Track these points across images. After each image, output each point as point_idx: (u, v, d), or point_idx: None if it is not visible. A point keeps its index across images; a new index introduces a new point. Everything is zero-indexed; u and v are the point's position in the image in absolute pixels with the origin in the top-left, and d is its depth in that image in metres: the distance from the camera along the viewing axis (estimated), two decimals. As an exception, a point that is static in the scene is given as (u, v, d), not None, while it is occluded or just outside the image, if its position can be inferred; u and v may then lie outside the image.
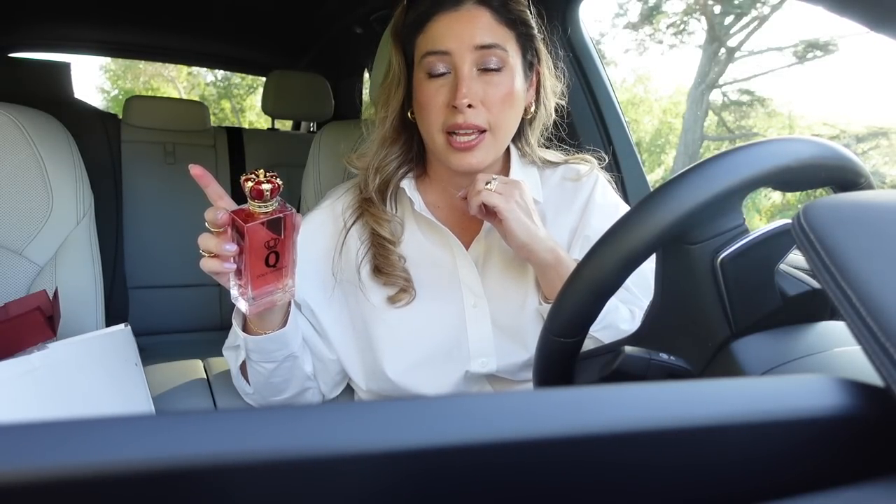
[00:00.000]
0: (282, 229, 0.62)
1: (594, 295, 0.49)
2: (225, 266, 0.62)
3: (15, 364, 0.70)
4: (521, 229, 0.72)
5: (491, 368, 0.81)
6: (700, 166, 0.46)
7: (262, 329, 0.75)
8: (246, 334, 0.75)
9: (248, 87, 11.64)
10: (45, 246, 1.01)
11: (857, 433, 0.27)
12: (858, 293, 0.28)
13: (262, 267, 0.63)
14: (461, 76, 0.74)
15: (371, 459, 0.22)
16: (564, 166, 0.89)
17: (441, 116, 0.76)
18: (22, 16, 2.02)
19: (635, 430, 0.24)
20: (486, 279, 0.83)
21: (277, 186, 0.60)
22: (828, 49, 5.53)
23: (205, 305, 1.92)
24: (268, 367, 0.78)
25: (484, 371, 0.82)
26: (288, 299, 0.69)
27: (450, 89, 0.75)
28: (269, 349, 0.76)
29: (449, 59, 0.75)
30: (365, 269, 0.84)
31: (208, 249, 0.62)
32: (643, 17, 7.81)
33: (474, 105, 0.74)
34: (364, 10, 1.76)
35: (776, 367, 0.43)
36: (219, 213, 0.61)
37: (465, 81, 0.73)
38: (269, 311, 0.72)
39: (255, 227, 0.60)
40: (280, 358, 0.78)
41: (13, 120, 0.99)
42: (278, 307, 0.72)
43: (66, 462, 0.19)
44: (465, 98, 0.73)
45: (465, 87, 0.73)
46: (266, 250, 0.62)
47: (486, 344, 0.82)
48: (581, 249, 0.83)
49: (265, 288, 0.65)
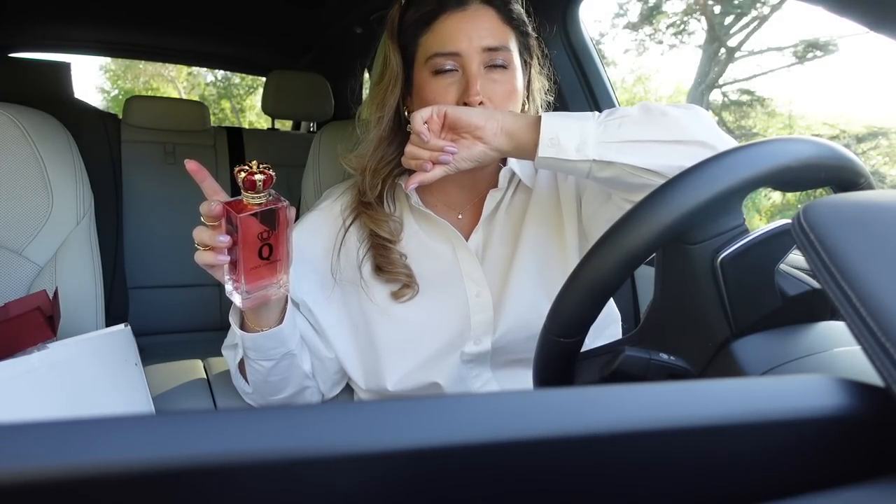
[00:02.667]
0: (275, 222, 0.62)
1: (594, 295, 0.49)
2: (219, 258, 0.62)
3: (15, 364, 0.70)
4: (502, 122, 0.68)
5: (485, 347, 0.83)
6: (700, 166, 0.46)
7: (259, 326, 0.75)
8: (243, 332, 0.75)
9: (248, 87, 11.64)
10: (46, 246, 1.01)
11: (857, 433, 0.27)
12: (858, 293, 0.28)
13: (255, 259, 0.63)
14: (472, 74, 0.74)
15: (371, 459, 0.22)
16: None
17: None
18: (22, 16, 2.02)
19: (635, 430, 0.24)
20: (486, 266, 0.84)
21: (270, 177, 0.61)
22: (828, 49, 5.53)
23: (205, 305, 1.91)
24: (265, 365, 0.78)
25: (477, 349, 0.83)
26: (282, 294, 0.69)
27: (459, 87, 0.75)
28: (266, 347, 0.77)
29: (458, 59, 0.75)
30: (366, 268, 0.84)
31: (203, 242, 0.63)
32: (643, 17, 7.81)
33: (484, 102, 0.74)
34: (364, 10, 1.76)
35: (776, 367, 0.43)
36: (212, 205, 0.61)
37: (476, 79, 0.74)
38: (265, 308, 0.73)
39: (247, 218, 0.61)
40: (277, 356, 0.78)
41: (13, 120, 0.99)
42: (274, 302, 0.73)
43: (66, 462, 0.19)
44: (479, 95, 0.73)
45: (477, 84, 0.74)
46: (259, 242, 0.62)
47: (486, 327, 0.83)
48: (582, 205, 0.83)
49: (259, 282, 0.65)
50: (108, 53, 2.94)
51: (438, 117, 0.68)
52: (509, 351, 0.84)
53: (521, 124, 0.68)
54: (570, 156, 0.64)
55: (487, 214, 0.84)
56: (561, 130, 0.65)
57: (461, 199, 0.87)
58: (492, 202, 0.84)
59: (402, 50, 0.80)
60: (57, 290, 0.90)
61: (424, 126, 0.67)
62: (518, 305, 0.82)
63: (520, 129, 0.67)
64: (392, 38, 0.81)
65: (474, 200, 0.86)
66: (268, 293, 0.67)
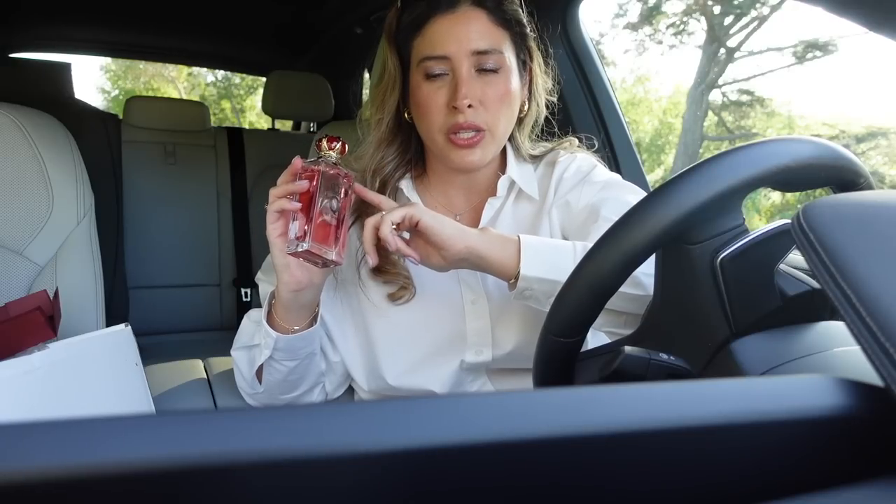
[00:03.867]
0: (343, 190, 0.70)
1: (594, 295, 0.49)
2: (292, 203, 0.68)
3: (15, 364, 0.70)
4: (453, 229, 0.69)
5: (486, 358, 0.82)
6: (700, 166, 0.46)
7: (291, 325, 0.76)
8: (278, 332, 0.76)
9: (248, 87, 11.64)
10: (46, 246, 1.01)
11: (857, 433, 0.27)
12: (858, 293, 0.28)
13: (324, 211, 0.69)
14: (460, 77, 0.74)
15: (371, 459, 0.22)
16: (549, 154, 0.90)
17: (441, 117, 0.76)
18: (22, 16, 2.02)
19: (635, 430, 0.24)
20: (485, 275, 0.83)
21: (344, 146, 0.70)
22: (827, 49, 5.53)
23: (205, 305, 1.91)
24: (289, 364, 0.79)
25: (479, 360, 0.82)
26: (332, 266, 0.72)
27: (449, 90, 0.75)
28: (298, 347, 0.78)
29: (447, 62, 0.75)
30: (364, 268, 0.84)
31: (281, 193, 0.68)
32: (643, 17, 7.81)
33: (474, 105, 0.74)
34: (364, 10, 1.76)
35: (776, 367, 0.43)
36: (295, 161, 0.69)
37: (464, 82, 0.74)
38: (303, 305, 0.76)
39: (323, 172, 0.68)
40: (303, 355, 0.79)
41: (13, 120, 0.99)
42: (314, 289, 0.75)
43: (66, 462, 0.19)
44: (466, 98, 0.73)
45: (465, 87, 0.73)
46: (328, 199, 0.69)
47: (483, 337, 0.82)
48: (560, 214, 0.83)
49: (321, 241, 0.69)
50: (108, 53, 2.94)
51: (410, 223, 0.68)
52: (510, 362, 0.83)
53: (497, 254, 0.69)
54: (542, 306, 0.68)
55: (486, 221, 0.83)
56: (535, 283, 0.68)
57: (459, 201, 0.87)
58: (490, 210, 0.83)
59: (399, 52, 0.80)
60: (57, 290, 0.90)
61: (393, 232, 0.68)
62: (521, 321, 0.81)
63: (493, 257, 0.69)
64: (389, 41, 0.81)
65: (473, 204, 0.86)
66: (325, 256, 0.69)
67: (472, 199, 0.86)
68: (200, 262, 1.88)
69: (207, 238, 1.88)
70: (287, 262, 0.71)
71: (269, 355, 0.78)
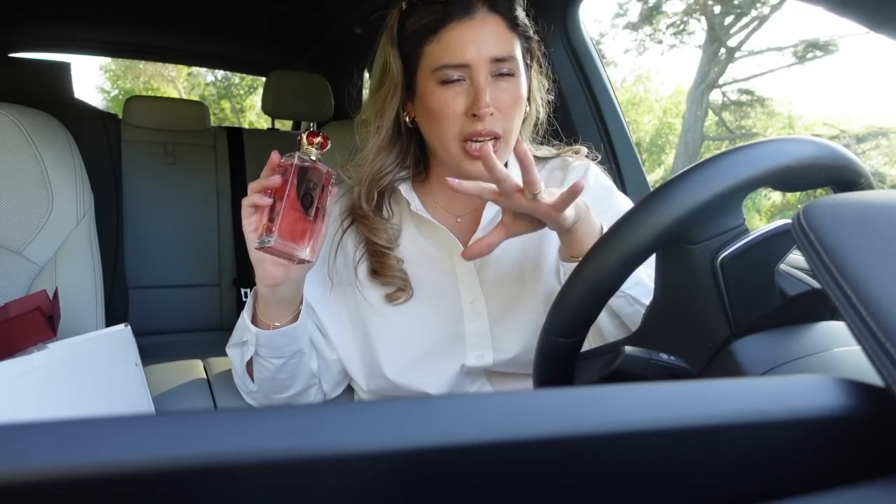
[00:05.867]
0: (320, 186, 0.71)
1: (594, 295, 0.49)
2: (263, 199, 0.68)
3: (15, 364, 0.70)
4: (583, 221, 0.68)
5: (487, 362, 0.82)
6: (700, 166, 0.46)
7: (271, 321, 0.76)
8: (258, 328, 0.76)
9: (248, 87, 11.64)
10: (45, 246, 1.01)
11: (857, 433, 0.27)
12: (858, 293, 0.28)
13: (295, 212, 0.69)
14: (480, 85, 0.73)
15: (371, 459, 0.22)
16: (554, 159, 0.89)
17: (458, 125, 0.75)
18: (22, 16, 2.02)
19: (635, 431, 0.24)
20: (484, 275, 0.83)
21: (326, 141, 0.71)
22: (828, 49, 5.53)
23: (205, 305, 1.91)
24: (275, 363, 0.79)
25: (480, 364, 0.82)
26: (305, 263, 0.71)
27: (467, 97, 0.74)
28: (280, 344, 0.77)
29: (466, 69, 0.74)
30: (362, 269, 0.84)
31: (256, 188, 0.70)
32: (643, 17, 7.81)
33: (493, 112, 0.74)
34: (364, 10, 1.76)
35: (776, 367, 0.43)
36: (273, 155, 0.71)
37: (485, 90, 0.73)
38: (281, 300, 0.75)
39: (298, 166, 0.69)
40: (289, 353, 0.78)
41: (13, 120, 0.99)
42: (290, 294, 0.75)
43: (66, 462, 0.19)
44: (489, 108, 0.72)
45: (486, 95, 0.73)
46: (306, 195, 0.69)
47: (482, 339, 0.82)
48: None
49: (291, 238, 0.68)
50: (108, 53, 2.94)
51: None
52: (512, 367, 0.83)
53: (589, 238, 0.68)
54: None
55: (486, 223, 0.82)
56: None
57: (460, 203, 0.86)
58: (491, 211, 0.83)
59: (404, 57, 0.78)
60: (57, 290, 0.90)
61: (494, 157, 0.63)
62: (522, 325, 0.81)
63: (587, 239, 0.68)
64: (392, 46, 0.79)
65: (474, 205, 0.86)
66: (294, 253, 0.69)
67: (473, 201, 0.86)
68: (200, 262, 1.88)
69: (207, 238, 1.88)
70: (261, 257, 0.71)
71: (255, 352, 0.78)
